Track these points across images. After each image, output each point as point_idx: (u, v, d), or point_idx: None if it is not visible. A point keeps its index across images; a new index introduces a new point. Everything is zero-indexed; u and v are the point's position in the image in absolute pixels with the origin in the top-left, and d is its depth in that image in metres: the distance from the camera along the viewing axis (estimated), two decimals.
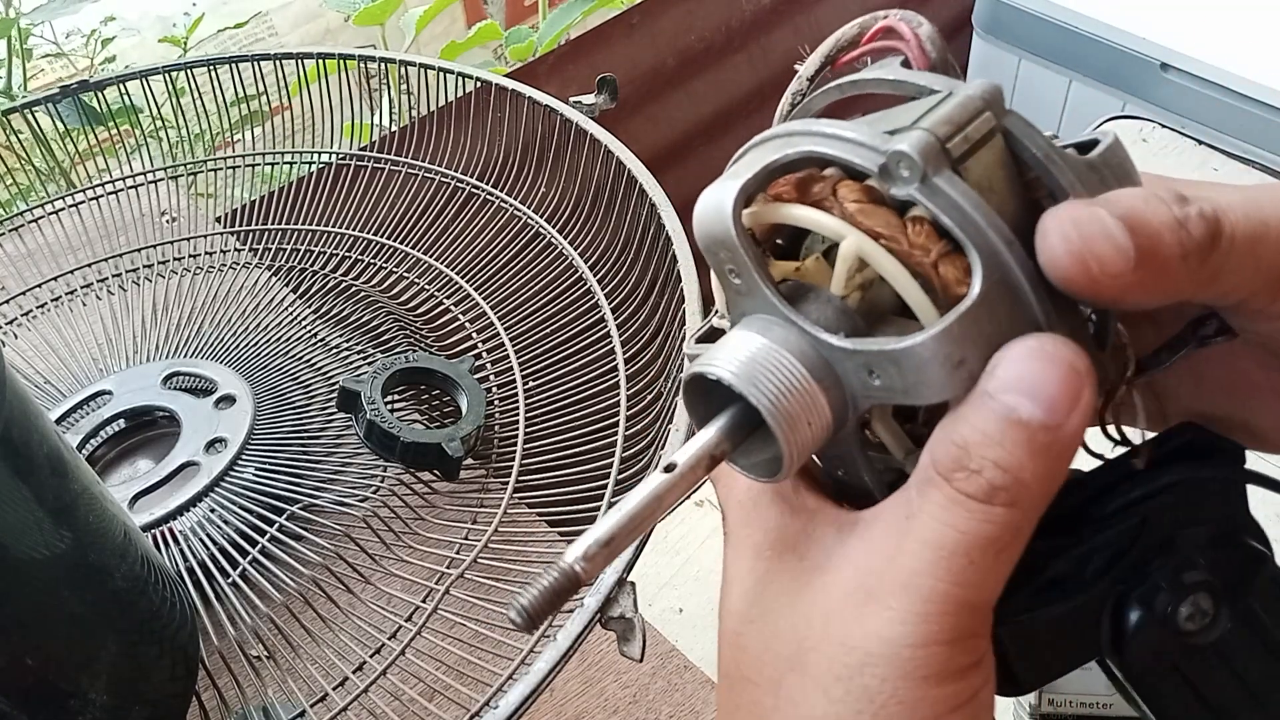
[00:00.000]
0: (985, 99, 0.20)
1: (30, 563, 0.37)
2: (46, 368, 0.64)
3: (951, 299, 0.20)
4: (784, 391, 0.21)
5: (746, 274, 0.21)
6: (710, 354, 0.22)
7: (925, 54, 0.23)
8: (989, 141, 0.20)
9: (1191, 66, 1.16)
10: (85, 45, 1.23)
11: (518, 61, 1.16)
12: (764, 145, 0.22)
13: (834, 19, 1.28)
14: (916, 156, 0.19)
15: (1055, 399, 0.19)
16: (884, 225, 0.20)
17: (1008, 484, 0.19)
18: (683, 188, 1.36)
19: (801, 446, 0.21)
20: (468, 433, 0.55)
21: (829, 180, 0.21)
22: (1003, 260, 0.19)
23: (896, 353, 0.20)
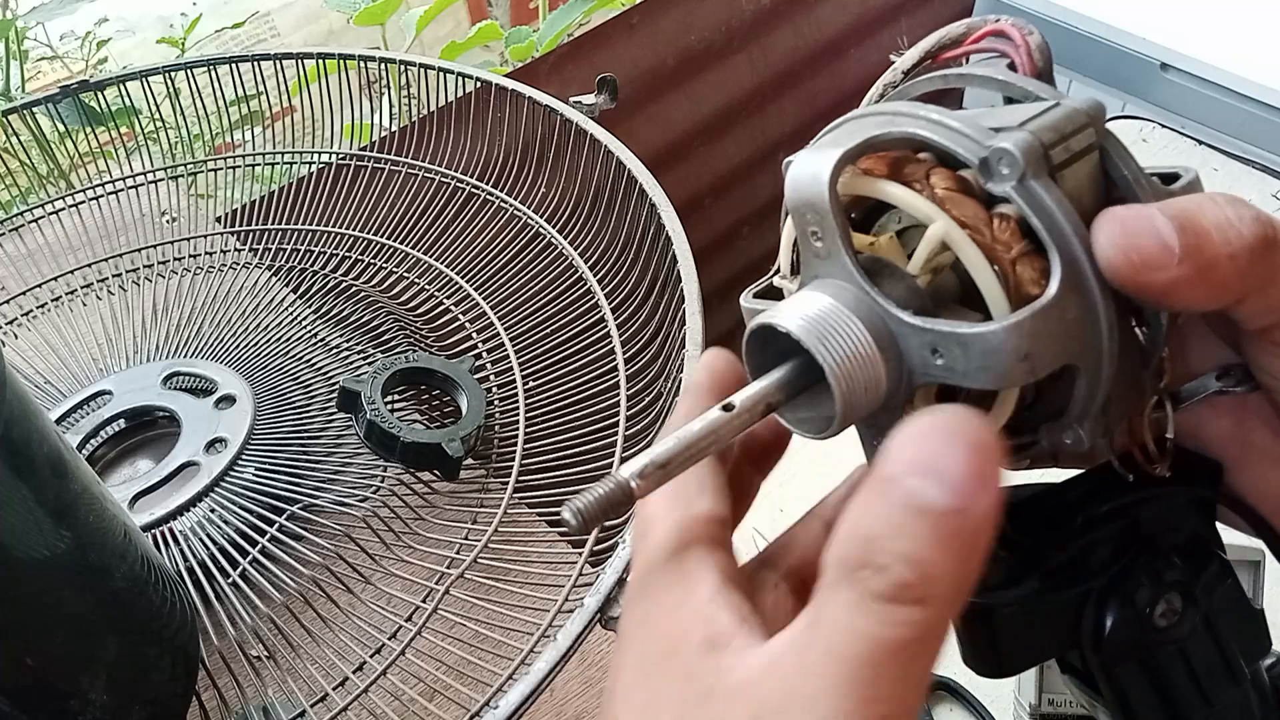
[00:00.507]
0: (1090, 114, 0.21)
1: (30, 563, 0.37)
2: (46, 368, 0.64)
3: (1022, 297, 0.21)
4: (848, 355, 0.21)
5: (830, 239, 0.22)
6: (780, 307, 0.22)
7: (1033, 62, 0.24)
8: (1086, 156, 0.21)
9: (1191, 66, 1.16)
10: (80, 47, 1.23)
11: (518, 61, 1.16)
12: (864, 119, 0.23)
13: (834, 19, 1.29)
14: (1020, 156, 0.20)
15: (960, 480, 0.17)
16: (971, 216, 0.21)
17: (916, 579, 0.17)
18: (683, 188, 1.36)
19: (854, 410, 0.22)
20: (468, 433, 0.55)
21: (923, 164, 0.22)
22: (1081, 268, 0.20)
23: (968, 336, 0.20)
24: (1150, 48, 1.19)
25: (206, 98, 0.81)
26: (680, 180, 1.22)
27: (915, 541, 0.17)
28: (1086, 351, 0.21)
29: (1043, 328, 0.20)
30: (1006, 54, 0.24)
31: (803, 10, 1.26)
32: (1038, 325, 0.20)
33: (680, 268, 0.55)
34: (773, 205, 1.35)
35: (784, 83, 1.28)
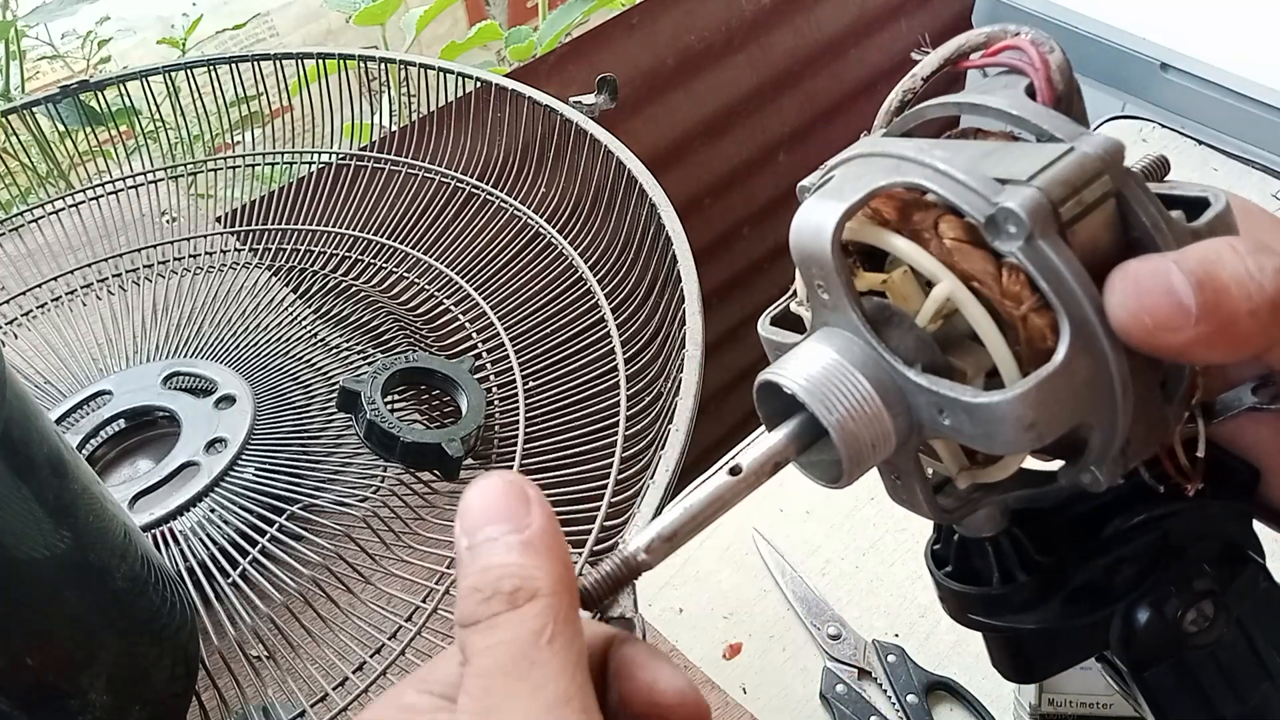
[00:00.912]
0: (1105, 160, 0.20)
1: (30, 563, 0.37)
2: (46, 368, 0.64)
3: (1034, 352, 0.20)
4: (853, 414, 0.21)
5: (835, 293, 0.22)
6: (785, 362, 0.22)
7: (1052, 86, 0.23)
8: (1102, 205, 0.20)
9: (1191, 66, 1.16)
10: (81, 47, 1.23)
11: (518, 61, 1.16)
12: (870, 161, 0.22)
13: (834, 19, 1.29)
14: (1025, 217, 0.19)
15: (512, 510, 0.21)
16: (980, 270, 0.20)
17: (519, 583, 0.20)
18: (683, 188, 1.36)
19: (862, 464, 0.22)
20: (468, 433, 0.55)
21: (932, 212, 0.21)
22: (1091, 330, 0.20)
23: (971, 405, 0.20)
24: (1150, 48, 1.19)
25: (207, 98, 0.81)
26: (680, 180, 1.22)
27: (504, 565, 0.21)
28: (1099, 410, 0.20)
29: (1050, 396, 0.19)
30: (1025, 72, 0.23)
31: (803, 10, 1.26)
32: (1044, 394, 0.19)
33: (680, 268, 0.55)
34: (773, 205, 1.35)
35: (784, 83, 1.27)
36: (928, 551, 0.28)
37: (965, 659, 0.61)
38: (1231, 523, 0.25)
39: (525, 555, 0.21)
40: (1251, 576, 0.25)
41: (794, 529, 0.70)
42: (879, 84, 1.37)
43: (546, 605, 0.20)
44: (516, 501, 0.22)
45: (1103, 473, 0.22)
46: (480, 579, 0.21)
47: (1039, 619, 0.25)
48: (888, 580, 0.66)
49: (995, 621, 0.26)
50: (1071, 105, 0.23)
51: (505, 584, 0.20)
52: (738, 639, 0.64)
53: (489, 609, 0.20)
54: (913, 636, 0.63)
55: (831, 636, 0.62)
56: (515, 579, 0.20)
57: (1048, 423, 0.20)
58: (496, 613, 0.20)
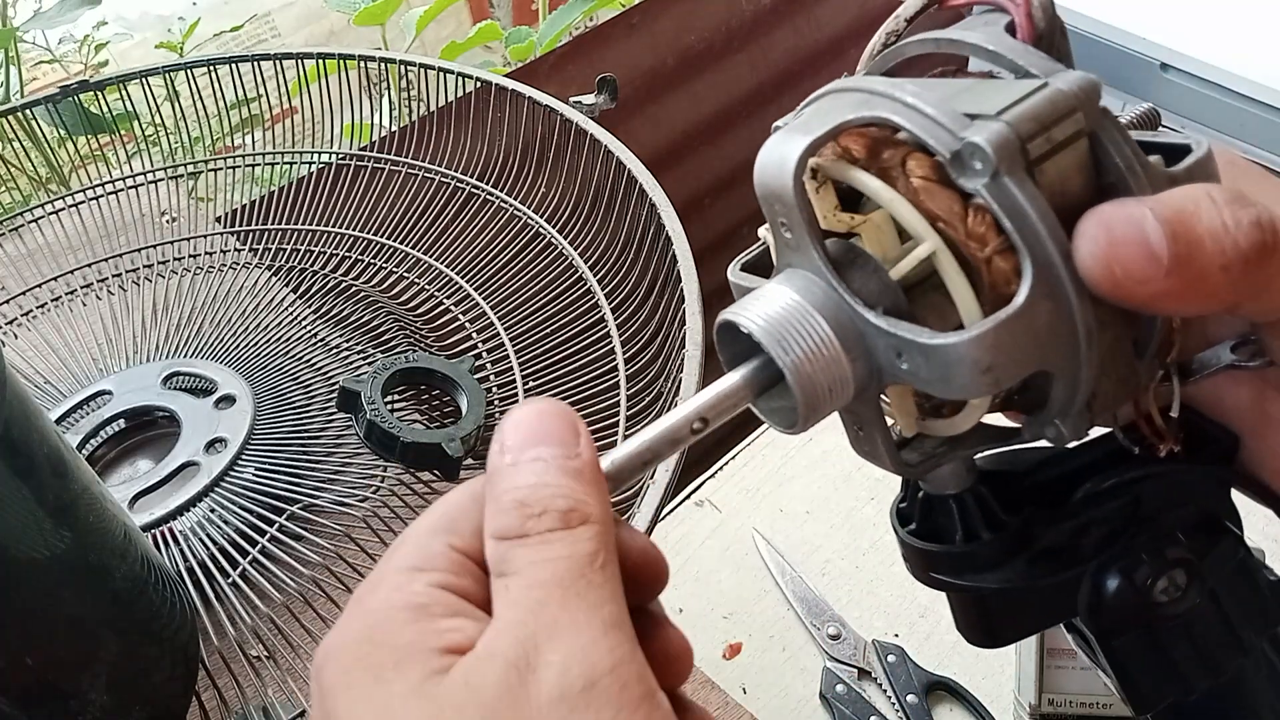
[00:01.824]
0: (1079, 97, 0.19)
1: (30, 563, 0.37)
2: (46, 368, 0.64)
3: (997, 295, 0.20)
4: (810, 356, 0.21)
5: (798, 232, 0.21)
6: (745, 302, 0.22)
7: (1032, 22, 0.22)
8: (1073, 144, 0.19)
9: (1191, 66, 1.16)
10: (79, 50, 1.23)
11: (518, 61, 1.16)
12: (841, 96, 0.22)
13: (834, 19, 1.28)
14: (991, 152, 0.19)
15: (564, 436, 0.21)
16: (945, 210, 0.20)
17: (574, 505, 0.20)
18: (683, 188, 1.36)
19: (819, 409, 0.21)
20: (468, 433, 0.55)
21: (900, 150, 0.21)
22: (1055, 273, 0.19)
23: (929, 347, 0.19)
24: (1150, 48, 1.19)
25: (207, 98, 0.81)
26: (680, 180, 1.22)
27: (558, 486, 0.20)
28: (1060, 358, 0.20)
29: (1008, 339, 0.19)
30: (1005, 9, 0.23)
31: (803, 10, 1.26)
32: (1002, 337, 0.19)
33: (680, 268, 0.55)
34: None
35: (784, 83, 1.27)
36: (893, 510, 0.27)
37: (965, 659, 0.61)
38: (1209, 491, 0.25)
39: (577, 481, 0.20)
40: (1228, 548, 0.25)
41: (794, 529, 0.70)
42: None
43: (598, 531, 0.20)
44: (567, 429, 0.21)
45: (1067, 427, 0.21)
46: (530, 494, 0.20)
47: (1002, 579, 0.25)
48: (888, 580, 0.66)
49: (957, 580, 0.25)
50: (1053, 44, 0.22)
51: (558, 503, 0.20)
52: (738, 639, 0.64)
53: (540, 524, 0.20)
54: (913, 636, 0.63)
55: (831, 636, 0.62)
56: (569, 500, 0.20)
57: (1005, 367, 0.19)
58: (550, 529, 0.20)
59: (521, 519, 0.20)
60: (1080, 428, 0.21)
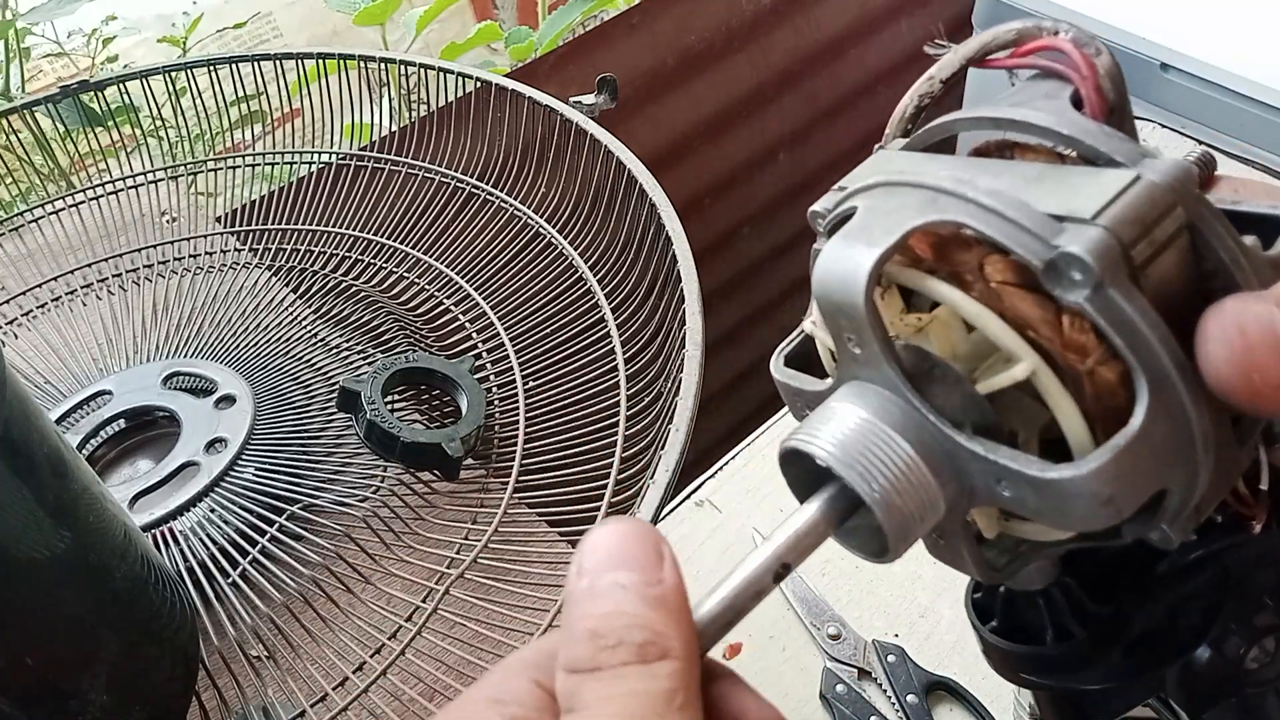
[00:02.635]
0: (1177, 190, 0.17)
1: (30, 563, 0.37)
2: (46, 368, 0.64)
3: (1102, 408, 0.18)
4: (896, 486, 0.18)
5: (868, 349, 0.19)
6: (813, 426, 0.19)
7: (1102, 96, 0.20)
8: (1175, 243, 0.18)
9: (1191, 66, 1.16)
10: (86, 45, 1.23)
11: (518, 61, 1.16)
12: (899, 192, 0.19)
13: (834, 19, 1.28)
14: (1094, 263, 0.16)
15: (646, 560, 0.19)
16: (1035, 317, 0.18)
17: (651, 638, 0.18)
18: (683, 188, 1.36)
19: (909, 536, 0.19)
20: (468, 433, 0.55)
21: (975, 251, 0.19)
22: (1173, 386, 0.17)
23: (1039, 481, 0.17)
24: (1150, 48, 1.19)
25: (207, 98, 0.81)
26: (680, 180, 1.22)
27: (635, 615, 0.19)
28: (1178, 472, 0.18)
29: (1129, 467, 0.17)
30: (1068, 78, 0.20)
31: (803, 10, 1.26)
32: (1123, 466, 0.17)
33: (680, 268, 0.55)
34: (773, 205, 1.35)
35: (784, 83, 1.27)
36: (968, 601, 0.25)
37: (965, 659, 0.61)
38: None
39: (657, 612, 0.19)
40: None
41: None
42: (879, 84, 1.37)
43: (678, 669, 0.18)
44: (650, 553, 0.19)
45: (1174, 530, 0.19)
46: (604, 624, 0.19)
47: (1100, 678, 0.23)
48: (888, 580, 0.66)
49: (1051, 682, 0.24)
50: (1124, 119, 0.20)
51: (635, 635, 0.18)
52: (737, 639, 0.64)
53: (614, 657, 0.18)
54: (913, 636, 0.63)
55: (831, 636, 0.62)
56: (646, 632, 0.18)
57: (1125, 496, 0.17)
58: (624, 663, 0.18)
59: (594, 650, 0.18)
60: (1187, 529, 0.20)
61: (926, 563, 0.28)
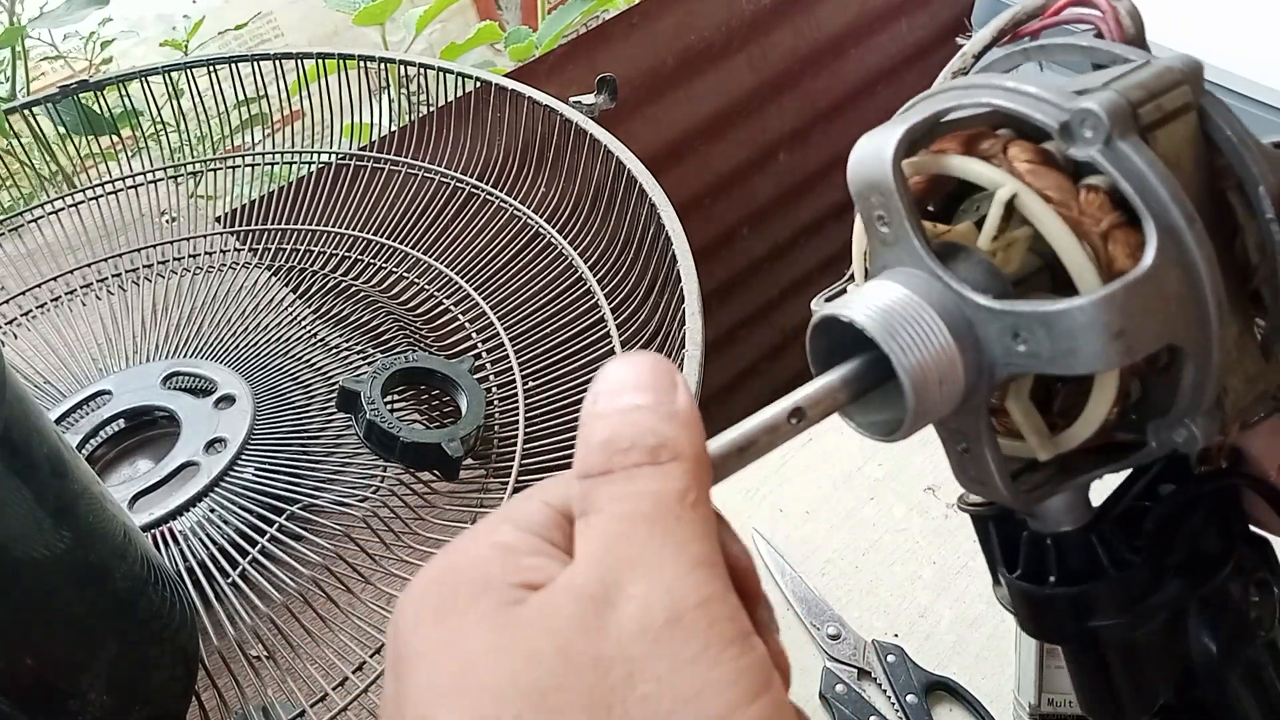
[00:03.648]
0: (1185, 72, 0.19)
1: (30, 563, 0.37)
2: (46, 368, 0.64)
3: (1116, 274, 0.19)
4: (920, 345, 0.19)
5: (896, 222, 0.20)
6: (845, 299, 0.21)
7: (1122, 28, 0.22)
8: (1183, 116, 0.19)
9: None
10: (84, 47, 1.23)
11: (517, 61, 1.16)
12: (938, 96, 0.21)
13: (834, 19, 1.28)
14: (1104, 115, 0.18)
15: (659, 384, 0.20)
16: (1055, 188, 0.19)
17: (664, 442, 0.19)
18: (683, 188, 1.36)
19: (928, 408, 0.20)
20: (468, 433, 0.55)
21: (1000, 139, 0.20)
22: (1182, 237, 0.18)
23: (1051, 315, 0.18)
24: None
25: (207, 98, 0.81)
26: (680, 180, 1.22)
27: (649, 425, 0.19)
28: (1191, 331, 0.19)
29: (1138, 302, 0.18)
30: (1092, 23, 0.22)
31: (803, 10, 1.26)
32: (1132, 299, 0.18)
33: (680, 268, 0.55)
34: (773, 205, 1.35)
35: (784, 83, 1.27)
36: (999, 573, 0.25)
37: (965, 659, 0.61)
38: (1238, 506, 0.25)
39: (670, 423, 0.19)
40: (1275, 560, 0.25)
41: (794, 529, 0.69)
42: (879, 84, 1.37)
43: (690, 468, 0.19)
44: (664, 379, 0.20)
45: (1199, 427, 0.20)
46: (618, 431, 0.19)
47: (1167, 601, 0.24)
48: (888, 580, 0.66)
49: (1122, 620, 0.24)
50: (1143, 46, 0.22)
51: (648, 439, 0.19)
52: None
53: (626, 459, 0.19)
54: (912, 636, 0.62)
55: (831, 636, 0.62)
56: (659, 437, 0.19)
57: (1136, 334, 0.18)
58: (637, 464, 0.19)
59: (607, 455, 0.19)
60: (1211, 429, 0.20)
61: (926, 562, 0.28)
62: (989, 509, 0.25)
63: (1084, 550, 0.24)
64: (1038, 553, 0.24)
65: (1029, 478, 0.23)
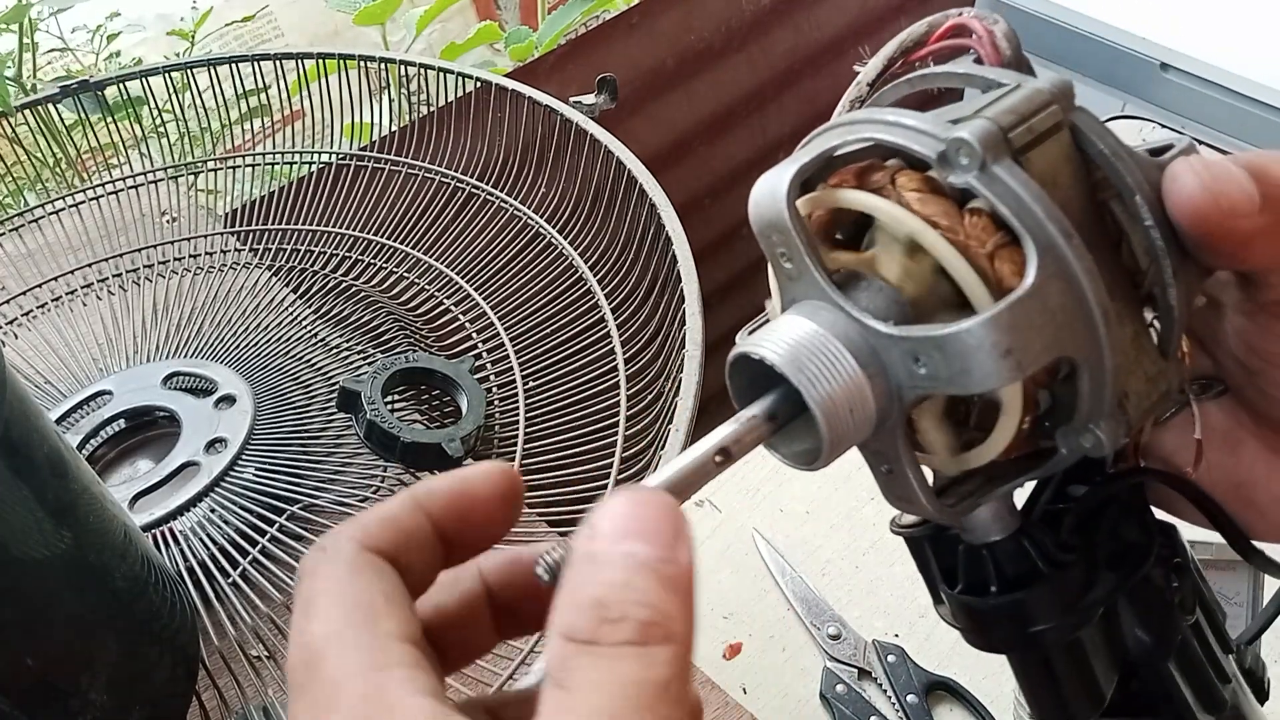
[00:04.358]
0: (1053, 93, 0.20)
1: (30, 563, 0.37)
2: (46, 368, 0.64)
3: (1005, 291, 0.20)
4: (829, 376, 0.20)
5: (798, 258, 0.21)
6: (758, 335, 0.21)
7: (998, 51, 0.23)
8: (1054, 135, 0.20)
9: (1191, 66, 1.16)
10: (91, 41, 1.23)
11: (517, 61, 1.16)
12: (827, 133, 0.22)
13: (834, 19, 1.28)
14: (975, 143, 0.19)
15: (663, 535, 0.18)
16: (941, 214, 0.20)
17: (656, 619, 0.18)
18: (683, 188, 1.36)
19: (842, 435, 0.21)
20: (468, 433, 0.55)
21: (889, 170, 0.21)
22: (1060, 253, 0.19)
23: (942, 338, 0.19)
24: (1150, 48, 1.19)
25: (208, 98, 0.81)
26: (680, 180, 1.22)
27: (644, 592, 0.18)
28: (1080, 341, 0.20)
29: (1023, 319, 0.19)
30: (971, 47, 0.23)
31: (803, 10, 1.26)
32: (1017, 317, 0.19)
33: (680, 268, 0.55)
34: None
35: (784, 83, 1.27)
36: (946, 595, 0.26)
37: (965, 659, 0.61)
38: None
39: (667, 591, 0.18)
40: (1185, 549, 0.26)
41: (794, 529, 0.70)
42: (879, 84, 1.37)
43: (677, 655, 0.18)
44: (669, 529, 0.19)
45: (1104, 431, 0.21)
46: (611, 594, 0.18)
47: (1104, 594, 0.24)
48: (888, 580, 0.66)
49: (1066, 621, 0.24)
50: (1021, 70, 0.23)
51: (641, 612, 0.17)
52: (738, 639, 0.64)
53: (614, 634, 0.17)
54: (913, 636, 0.63)
55: (831, 636, 0.62)
56: (652, 611, 0.18)
57: (1024, 349, 0.19)
58: (623, 641, 0.17)
59: (595, 622, 0.17)
60: (1116, 432, 0.21)
61: None
62: (922, 529, 0.26)
63: (1018, 555, 0.25)
64: (976, 564, 0.25)
65: (956, 490, 0.23)
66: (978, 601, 0.25)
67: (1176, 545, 0.26)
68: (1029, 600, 0.24)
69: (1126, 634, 0.25)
